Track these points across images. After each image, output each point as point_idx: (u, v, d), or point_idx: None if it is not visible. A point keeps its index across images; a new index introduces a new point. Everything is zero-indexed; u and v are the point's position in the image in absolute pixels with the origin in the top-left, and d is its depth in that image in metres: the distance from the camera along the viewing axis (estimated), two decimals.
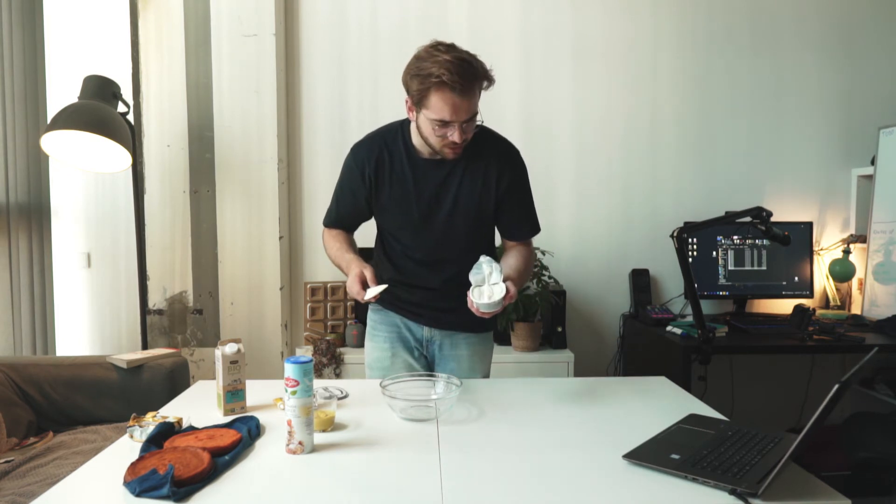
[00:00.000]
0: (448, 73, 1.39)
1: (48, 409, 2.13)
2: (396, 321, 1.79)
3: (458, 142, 1.49)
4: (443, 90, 1.41)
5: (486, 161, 1.61)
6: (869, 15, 2.99)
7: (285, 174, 2.91)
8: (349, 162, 1.67)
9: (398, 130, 1.64)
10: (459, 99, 1.42)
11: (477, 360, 1.81)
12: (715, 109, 3.00)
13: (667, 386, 1.70)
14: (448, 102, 1.42)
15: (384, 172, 1.62)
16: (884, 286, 2.75)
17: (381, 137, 1.65)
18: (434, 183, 1.61)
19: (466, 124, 1.48)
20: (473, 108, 1.48)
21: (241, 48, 2.75)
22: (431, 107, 1.45)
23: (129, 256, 2.78)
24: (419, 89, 1.44)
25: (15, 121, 2.56)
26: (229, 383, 1.45)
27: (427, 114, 1.47)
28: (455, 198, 1.61)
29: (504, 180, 1.63)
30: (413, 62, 1.47)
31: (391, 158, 1.62)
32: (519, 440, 1.30)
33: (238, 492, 1.07)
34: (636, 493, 1.06)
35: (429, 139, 1.53)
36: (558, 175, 3.00)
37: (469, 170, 1.60)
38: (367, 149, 1.64)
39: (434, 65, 1.40)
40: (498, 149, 1.65)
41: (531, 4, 2.94)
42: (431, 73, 1.40)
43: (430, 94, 1.43)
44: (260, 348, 2.80)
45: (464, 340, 1.78)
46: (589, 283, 3.02)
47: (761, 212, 1.93)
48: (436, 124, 1.47)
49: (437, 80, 1.40)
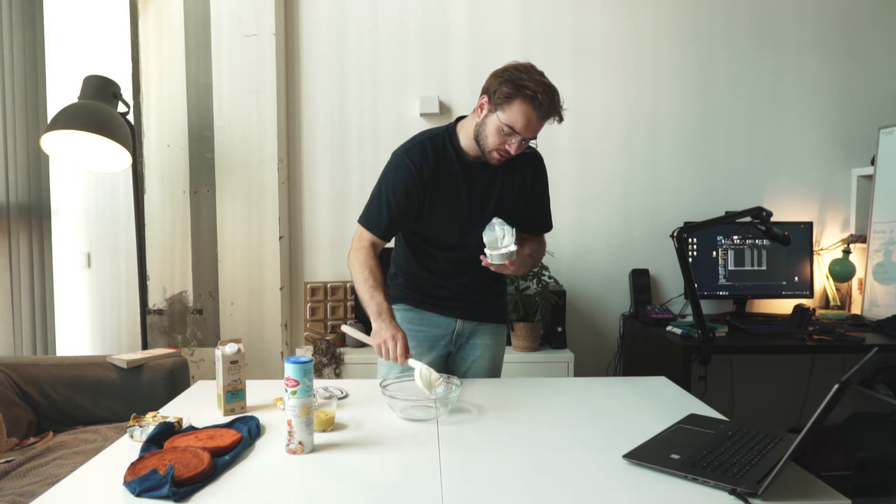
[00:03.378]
0: (542, 94, 1.54)
1: (48, 409, 2.13)
2: (420, 318, 1.83)
3: (513, 153, 1.62)
4: (529, 104, 1.55)
5: (522, 164, 1.75)
6: (869, 15, 2.99)
7: (285, 174, 2.91)
8: (404, 164, 1.69)
9: (444, 135, 1.74)
10: (537, 118, 1.57)
11: (499, 347, 1.93)
12: (715, 109, 3.00)
13: (667, 386, 1.70)
14: (527, 116, 1.56)
15: (440, 175, 1.70)
16: (884, 286, 2.75)
17: (430, 141, 1.72)
18: (480, 184, 1.73)
19: (525, 141, 1.61)
20: (537, 132, 1.62)
21: (241, 48, 2.75)
22: (510, 113, 1.57)
23: (129, 256, 2.78)
24: (508, 93, 1.56)
25: (15, 121, 2.56)
26: (229, 383, 1.46)
27: (501, 116, 1.58)
28: (500, 196, 1.74)
29: (535, 181, 1.80)
30: (511, 70, 1.59)
31: (446, 162, 1.71)
32: (519, 440, 1.30)
33: (238, 492, 1.07)
34: (636, 493, 1.06)
35: (487, 139, 1.62)
36: (558, 175, 2.99)
37: (508, 172, 1.74)
38: (421, 151, 1.70)
39: (532, 82, 1.55)
40: (530, 156, 1.78)
41: (531, 4, 2.94)
42: (527, 87, 1.54)
43: (515, 102, 1.56)
44: (260, 348, 2.80)
45: (489, 330, 1.88)
46: (589, 283, 3.02)
47: (761, 212, 1.93)
48: (505, 129, 1.58)
49: (531, 93, 1.54)
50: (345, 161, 2.96)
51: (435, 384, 1.47)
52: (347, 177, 2.95)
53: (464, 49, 2.93)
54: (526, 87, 1.54)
